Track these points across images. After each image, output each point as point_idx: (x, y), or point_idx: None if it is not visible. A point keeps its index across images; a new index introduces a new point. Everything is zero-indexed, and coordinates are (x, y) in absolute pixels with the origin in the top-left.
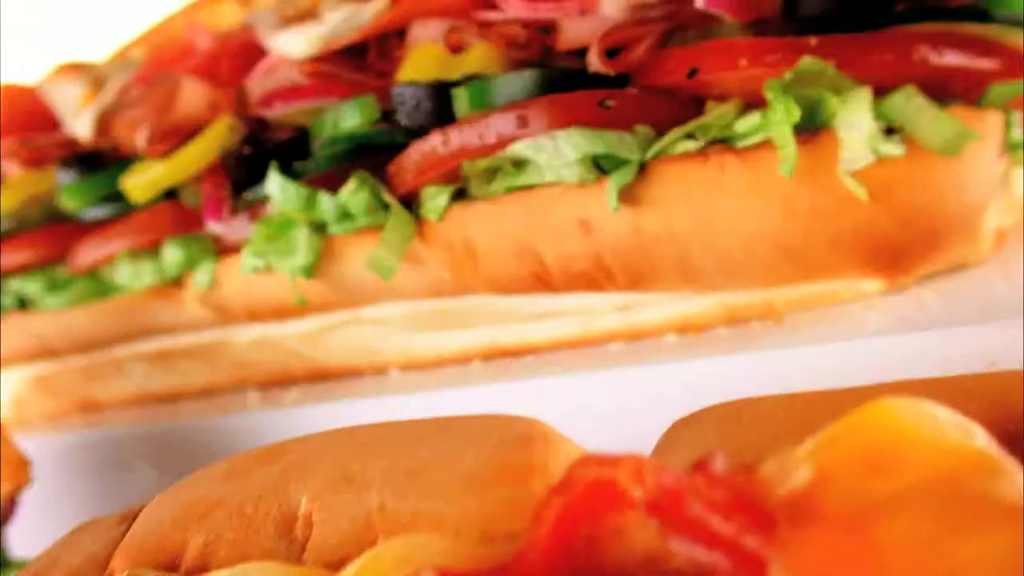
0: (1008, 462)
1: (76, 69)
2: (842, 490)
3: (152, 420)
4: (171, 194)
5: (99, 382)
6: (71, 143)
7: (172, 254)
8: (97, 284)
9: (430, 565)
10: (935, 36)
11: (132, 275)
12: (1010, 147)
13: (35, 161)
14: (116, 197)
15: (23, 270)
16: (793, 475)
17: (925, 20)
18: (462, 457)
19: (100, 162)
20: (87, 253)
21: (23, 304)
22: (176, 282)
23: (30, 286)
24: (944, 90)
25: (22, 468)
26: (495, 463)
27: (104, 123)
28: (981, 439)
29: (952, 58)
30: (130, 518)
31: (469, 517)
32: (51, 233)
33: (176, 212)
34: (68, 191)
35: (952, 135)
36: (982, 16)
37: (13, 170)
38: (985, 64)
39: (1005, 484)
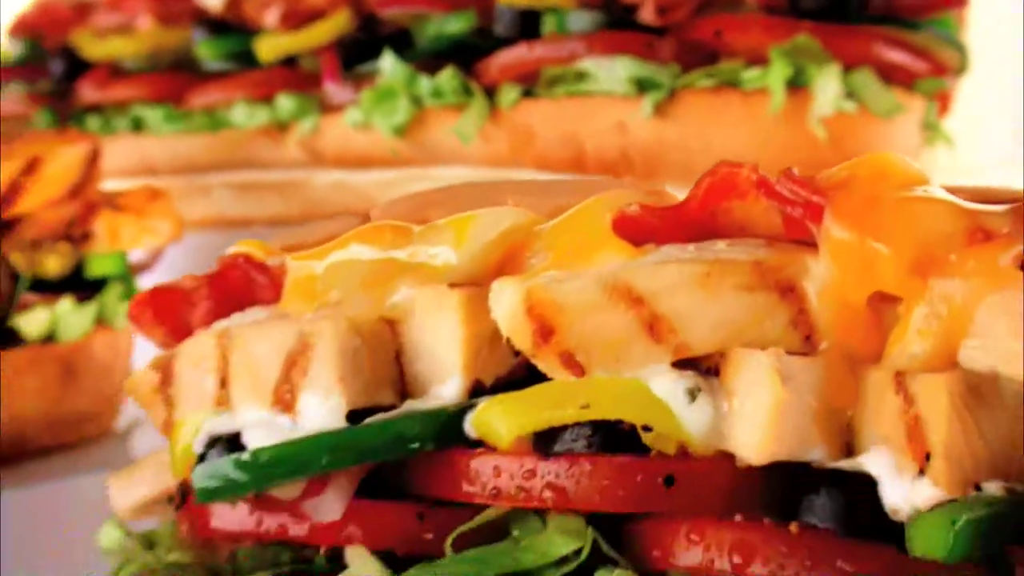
0: None
1: None
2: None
3: (233, 234)
4: (290, 61)
5: (185, 201)
6: (200, 11)
7: (285, 103)
8: (211, 120)
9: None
10: (889, 38)
11: (246, 116)
12: (926, 126)
13: (166, 19)
14: (242, 57)
15: (142, 101)
16: (836, 174)
17: (886, 24)
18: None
19: (226, 28)
20: (209, 94)
21: (137, 127)
22: (282, 127)
23: (150, 113)
24: (889, 76)
25: (178, 226)
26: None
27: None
28: None
29: (898, 55)
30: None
31: None
32: (175, 77)
33: (293, 74)
34: (205, 44)
35: (890, 106)
36: (924, 30)
37: (146, 23)
38: (919, 64)
39: None
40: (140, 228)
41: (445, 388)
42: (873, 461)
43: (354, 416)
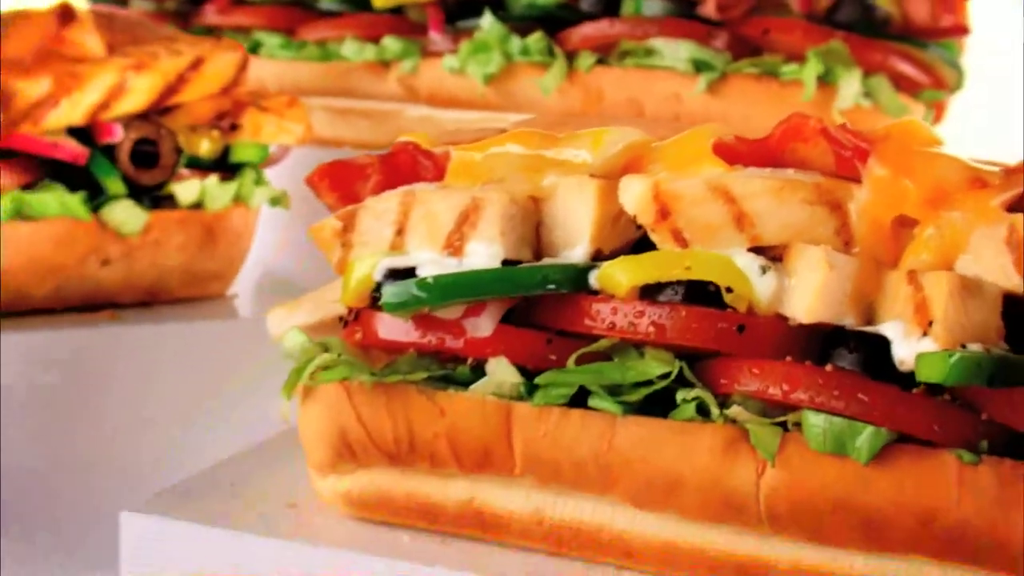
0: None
1: None
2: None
3: (325, 151)
4: (398, 10)
5: None
6: None
7: (391, 44)
8: (322, 52)
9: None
10: (903, 53)
11: (354, 51)
12: None
13: None
14: (355, 1)
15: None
16: (878, 131)
17: (901, 42)
18: None
19: None
20: (322, 30)
21: (253, 51)
22: (385, 64)
23: (267, 39)
24: (899, 83)
25: (307, 131)
26: None
27: None
28: None
29: (908, 68)
30: None
31: None
32: (292, 11)
33: (400, 21)
34: None
35: (897, 108)
36: (931, 50)
37: None
38: (923, 78)
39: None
40: (278, 127)
41: (574, 252)
42: (888, 328)
43: (504, 264)
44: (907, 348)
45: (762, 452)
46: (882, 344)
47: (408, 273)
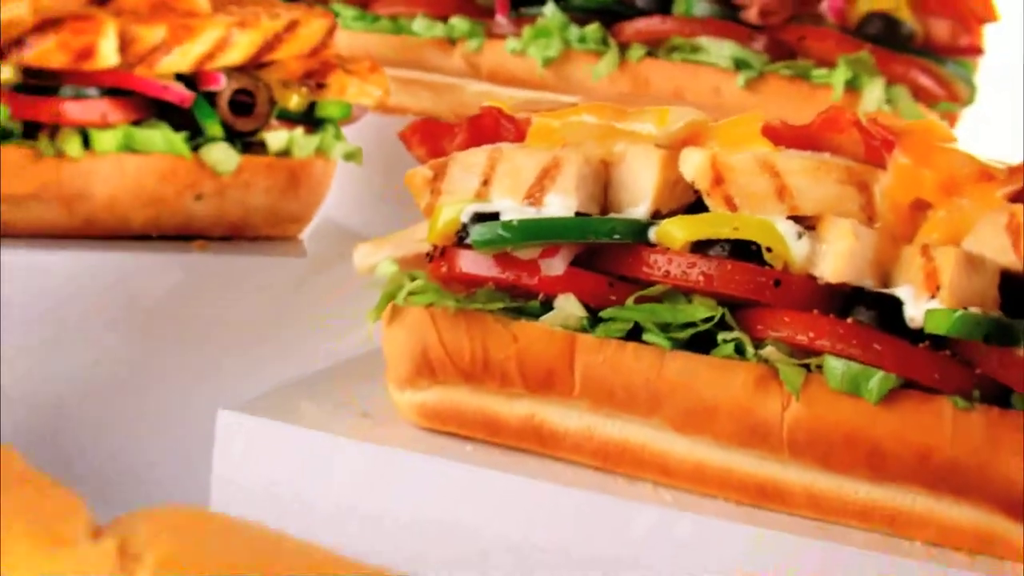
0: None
1: None
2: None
3: (388, 118)
4: None
5: None
6: None
7: (459, 23)
8: (393, 26)
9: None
10: (923, 66)
11: (424, 27)
12: None
13: None
14: None
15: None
16: (903, 125)
17: (922, 56)
18: None
19: None
20: (394, 6)
21: None
22: (451, 41)
23: (343, 11)
24: (917, 94)
25: (386, 95)
26: None
27: None
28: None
29: (926, 81)
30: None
31: None
32: None
33: (469, 2)
34: None
35: (914, 115)
36: (948, 66)
37: None
38: (940, 91)
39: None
40: (359, 90)
41: (637, 210)
42: (901, 291)
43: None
44: (917, 308)
45: (788, 388)
46: (895, 304)
47: (491, 218)
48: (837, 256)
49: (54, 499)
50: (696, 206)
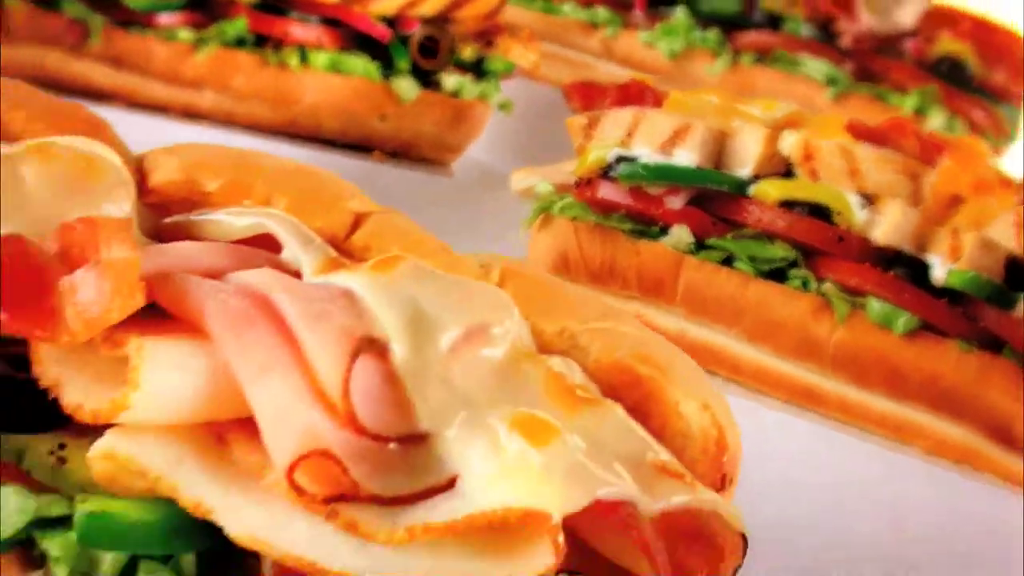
0: None
1: None
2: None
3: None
4: None
5: None
6: None
7: (602, 11)
8: (546, 5)
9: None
10: (978, 103)
11: (572, 10)
12: None
13: None
14: None
15: None
16: (951, 140)
17: (979, 95)
18: None
19: None
20: None
21: None
22: (594, 26)
23: None
24: (971, 126)
25: (538, 61)
26: None
27: None
28: None
29: (979, 116)
30: None
31: None
32: None
33: None
34: None
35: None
36: (1000, 106)
37: None
38: (989, 125)
39: None
40: (520, 53)
41: (742, 171)
42: (932, 258)
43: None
44: (942, 270)
45: (837, 317)
46: (925, 267)
47: (631, 161)
48: (888, 225)
49: None
50: (786, 174)
